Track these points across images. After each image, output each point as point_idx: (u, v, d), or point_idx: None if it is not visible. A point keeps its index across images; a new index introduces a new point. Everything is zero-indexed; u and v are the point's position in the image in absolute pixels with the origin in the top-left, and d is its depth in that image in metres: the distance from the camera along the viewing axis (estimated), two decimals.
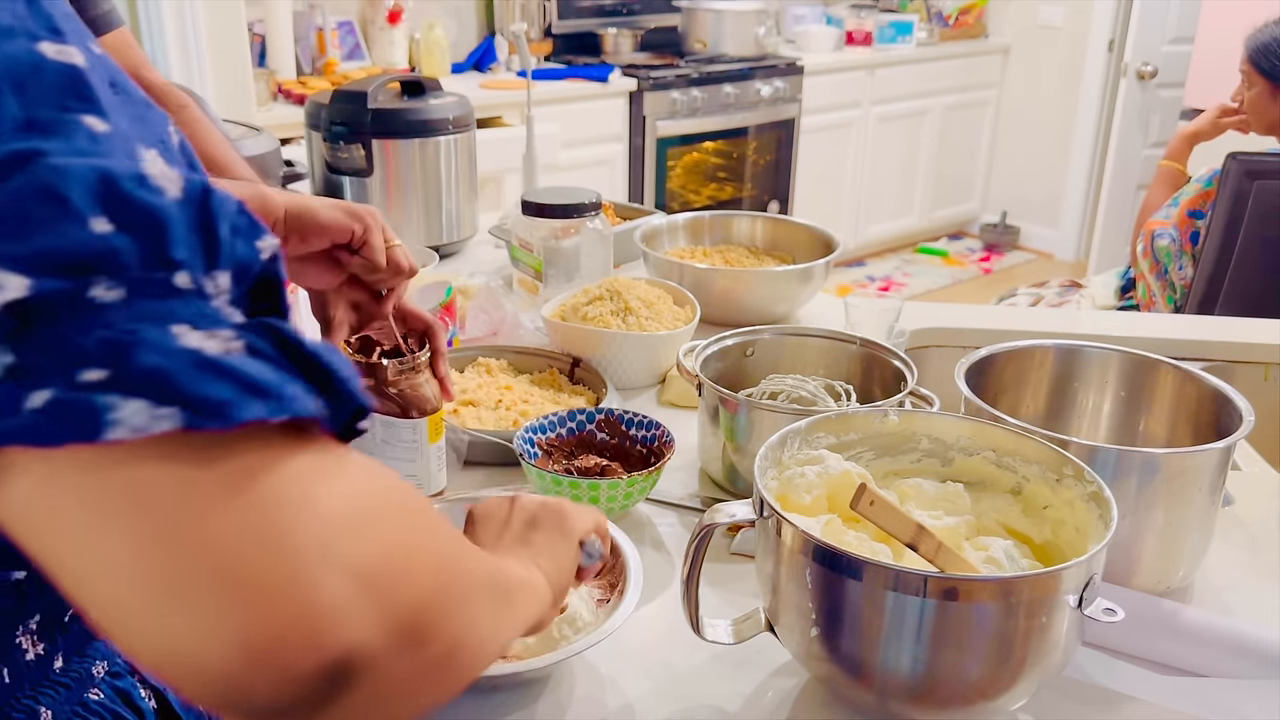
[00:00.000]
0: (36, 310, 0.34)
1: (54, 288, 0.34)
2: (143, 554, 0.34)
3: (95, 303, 0.35)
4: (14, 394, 0.34)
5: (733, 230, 1.74)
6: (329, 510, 0.37)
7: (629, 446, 1.12)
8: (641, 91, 3.64)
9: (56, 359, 0.34)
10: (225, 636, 0.34)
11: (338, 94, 1.74)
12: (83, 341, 0.34)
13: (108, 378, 0.34)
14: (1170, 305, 2.26)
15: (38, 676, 0.56)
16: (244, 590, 0.34)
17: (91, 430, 0.34)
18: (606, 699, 0.84)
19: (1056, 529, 0.86)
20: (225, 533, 0.35)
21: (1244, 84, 2.31)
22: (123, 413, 0.34)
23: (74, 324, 0.35)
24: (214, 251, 0.38)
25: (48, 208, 0.35)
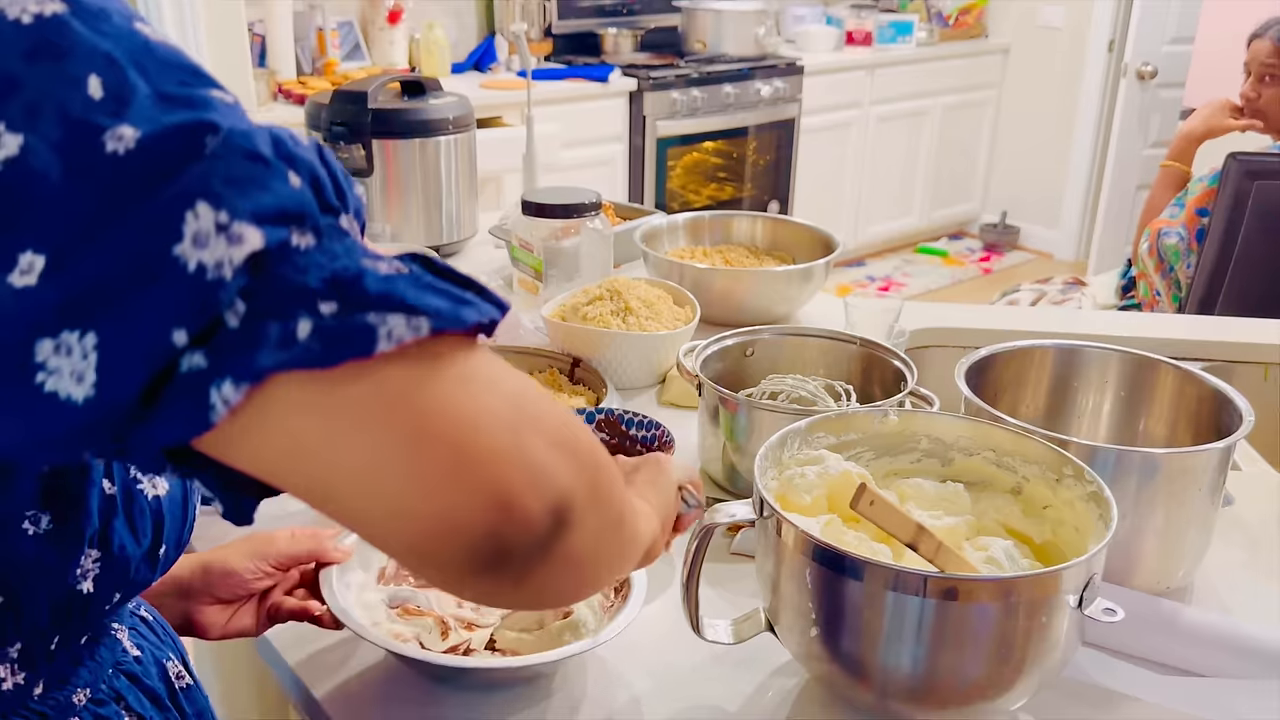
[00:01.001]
0: (264, 259, 0.38)
1: (278, 238, 0.38)
2: (403, 446, 0.39)
3: (298, 249, 0.39)
4: (277, 329, 0.37)
5: (733, 230, 1.74)
6: (519, 393, 0.43)
7: (629, 446, 1.12)
8: (641, 91, 3.64)
9: (290, 299, 0.38)
10: (475, 502, 0.40)
11: (338, 94, 1.74)
12: (305, 281, 0.38)
13: (343, 306, 0.38)
14: (1175, 304, 2.25)
15: (13, 704, 0.55)
16: (488, 459, 0.40)
17: (366, 346, 0.38)
18: (607, 698, 0.84)
19: (1056, 529, 0.86)
20: (466, 416, 0.40)
21: (1263, 80, 2.24)
22: (389, 327, 0.38)
23: (289, 269, 0.38)
24: (344, 197, 0.42)
25: (255, 166, 0.38)
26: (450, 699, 0.83)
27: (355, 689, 0.84)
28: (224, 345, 0.37)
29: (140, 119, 0.37)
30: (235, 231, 0.37)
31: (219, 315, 0.37)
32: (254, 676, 1.24)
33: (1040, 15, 4.69)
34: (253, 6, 3.14)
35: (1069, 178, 4.77)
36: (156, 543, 0.59)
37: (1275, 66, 2.22)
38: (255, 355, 0.37)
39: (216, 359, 0.37)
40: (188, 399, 0.37)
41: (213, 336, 0.37)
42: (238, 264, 0.37)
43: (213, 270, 0.36)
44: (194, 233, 0.36)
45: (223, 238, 0.37)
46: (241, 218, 0.37)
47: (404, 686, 0.84)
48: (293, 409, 0.38)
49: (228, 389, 0.37)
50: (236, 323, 0.37)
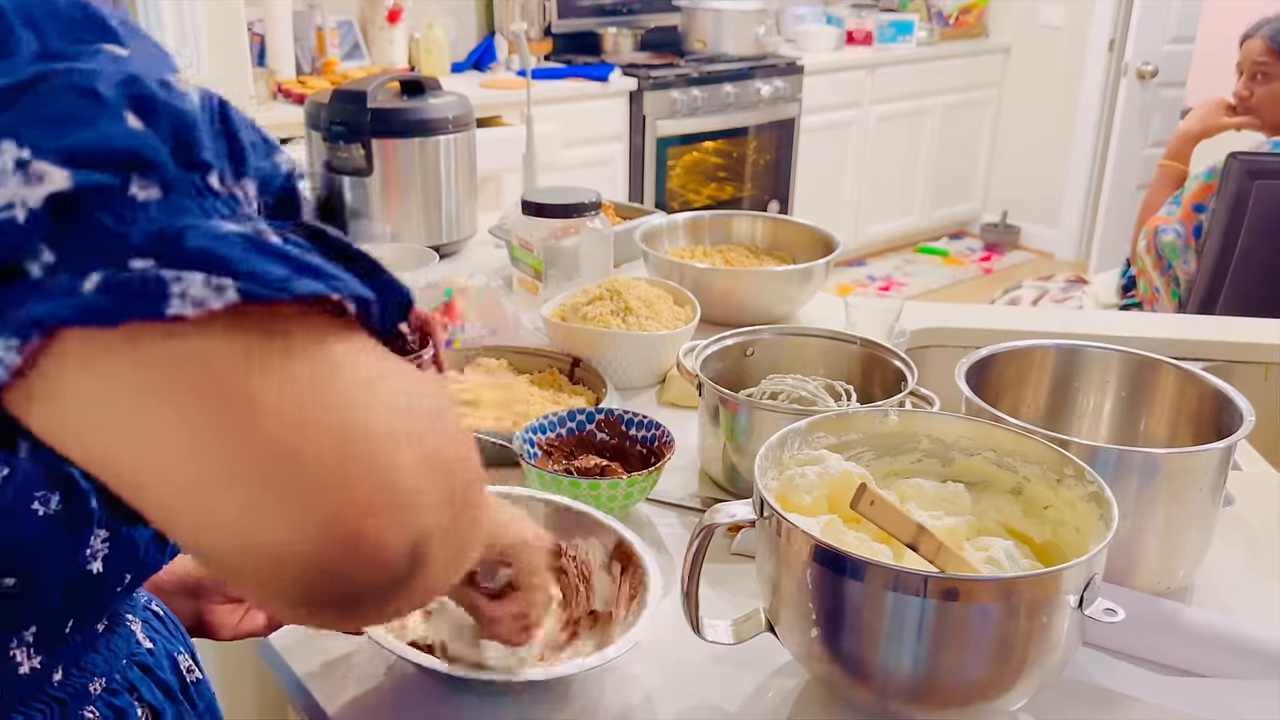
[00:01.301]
0: (77, 204, 0.34)
1: (95, 181, 0.34)
2: (211, 444, 0.33)
3: (135, 200, 0.35)
4: (67, 280, 0.33)
5: (733, 230, 1.74)
6: (394, 393, 0.36)
7: (629, 446, 1.12)
8: (641, 91, 3.64)
9: (102, 251, 0.34)
10: (316, 523, 0.33)
11: (337, 94, 1.74)
12: (127, 233, 0.34)
13: (157, 264, 0.33)
14: (1175, 300, 2.26)
15: (32, 690, 0.55)
16: (330, 474, 0.33)
17: (153, 305, 0.33)
18: (606, 699, 0.83)
19: (1057, 529, 0.86)
20: (295, 415, 0.34)
21: (1257, 79, 2.27)
22: (182, 286, 0.33)
23: (115, 219, 0.34)
24: (239, 159, 0.38)
25: (83, 103, 0.35)
26: (461, 703, 0.83)
27: (360, 692, 0.84)
28: (12, 297, 0.33)
29: (5, 72, 0.35)
30: (35, 170, 0.33)
31: (18, 262, 0.34)
32: (254, 676, 1.24)
33: (1041, 15, 4.69)
34: (252, 6, 3.14)
35: (1069, 177, 4.77)
36: None
37: (1267, 65, 2.24)
38: (31, 307, 0.33)
39: (1, 312, 0.33)
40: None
41: (9, 286, 0.34)
42: (33, 205, 0.33)
43: (2, 211, 0.33)
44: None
45: (18, 176, 0.33)
46: (45, 156, 0.34)
47: (411, 691, 0.84)
48: (77, 375, 0.33)
49: (3, 348, 0.33)
50: (38, 272, 0.34)
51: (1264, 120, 2.29)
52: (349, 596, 0.35)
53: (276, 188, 0.40)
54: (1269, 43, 2.22)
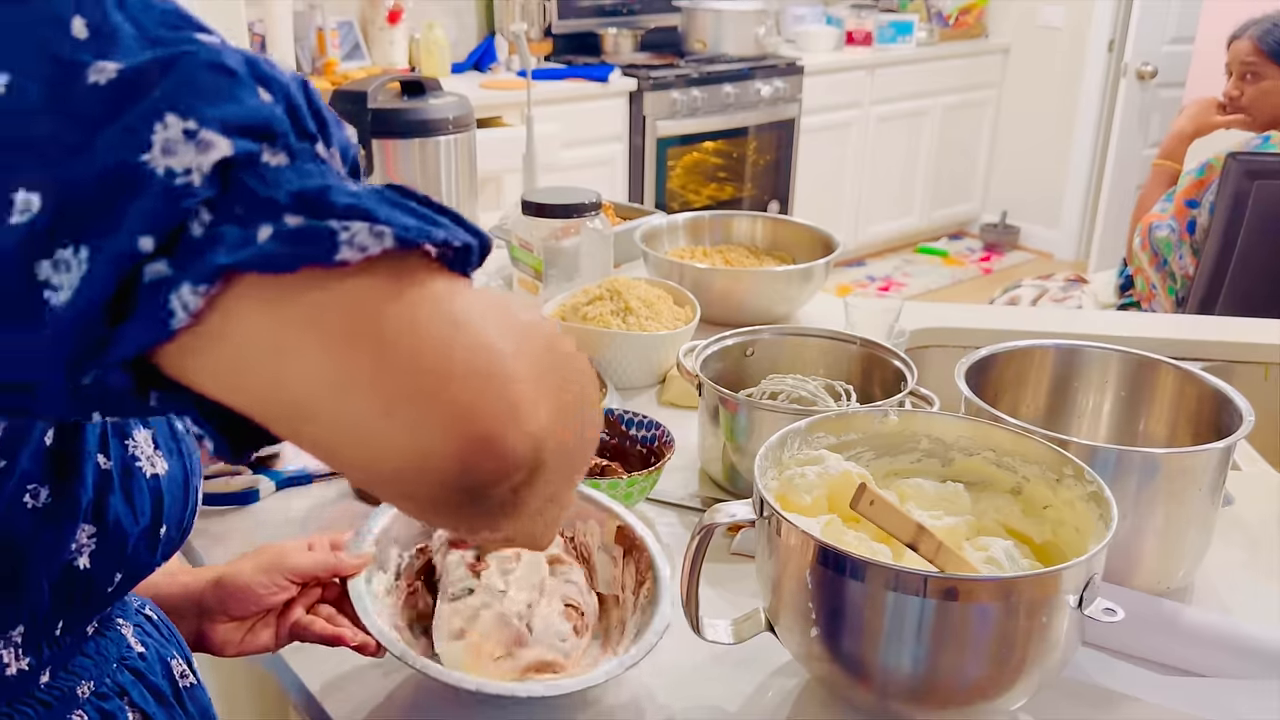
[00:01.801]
0: (231, 171, 0.37)
1: (247, 149, 0.37)
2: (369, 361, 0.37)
3: (270, 165, 0.38)
4: (239, 233, 0.37)
5: (733, 230, 1.74)
6: (503, 317, 0.41)
7: (629, 446, 1.12)
8: (641, 91, 3.64)
9: (257, 210, 0.37)
10: (450, 430, 0.37)
11: (338, 94, 1.74)
12: (275, 195, 0.37)
13: (309, 217, 0.37)
14: (1171, 296, 2.27)
15: (19, 692, 0.55)
16: (458, 386, 0.38)
17: (327, 250, 0.37)
18: (606, 699, 0.84)
19: (1056, 529, 0.86)
20: (438, 335, 0.38)
21: (1246, 79, 2.30)
22: (350, 234, 0.37)
23: (259, 184, 0.38)
24: (326, 130, 0.42)
25: (224, 79, 0.38)
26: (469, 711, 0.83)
27: (367, 702, 0.84)
28: (185, 252, 0.36)
29: (123, 54, 0.38)
30: (203, 138, 0.37)
31: (185, 223, 0.37)
32: (253, 677, 1.24)
33: (1040, 15, 4.69)
34: (253, 6, 3.14)
35: (1069, 178, 4.78)
36: (156, 522, 0.58)
37: (1255, 65, 2.27)
38: (212, 256, 0.36)
39: (177, 265, 0.36)
40: (148, 306, 0.36)
41: (177, 245, 0.37)
42: (206, 171, 0.37)
43: (181, 176, 0.36)
44: (163, 141, 0.36)
45: (191, 144, 0.36)
46: (209, 125, 0.37)
47: (418, 701, 0.84)
48: (254, 317, 0.37)
49: (186, 292, 0.36)
50: (200, 231, 0.37)
51: (1254, 119, 2.33)
52: (481, 496, 0.39)
53: (351, 158, 0.44)
54: (1256, 43, 2.26)
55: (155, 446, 0.59)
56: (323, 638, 0.80)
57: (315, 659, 0.87)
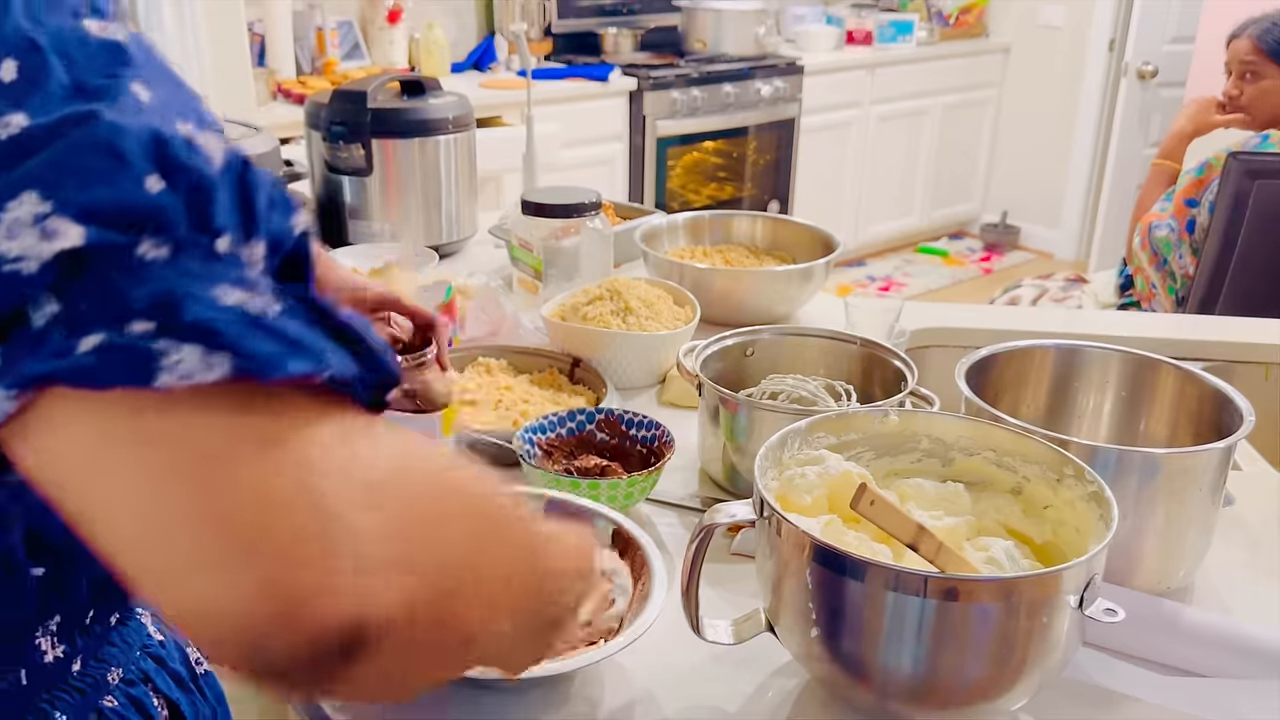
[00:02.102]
0: (87, 261, 0.35)
1: (109, 240, 0.35)
2: (177, 502, 0.34)
3: (143, 259, 0.36)
4: (64, 339, 0.35)
5: (733, 230, 1.74)
6: (359, 477, 0.37)
7: (629, 446, 1.12)
8: (641, 91, 3.64)
9: (104, 309, 0.35)
10: (249, 591, 0.34)
11: (337, 94, 1.74)
12: (131, 294, 0.35)
13: (155, 329, 0.35)
14: (1171, 295, 2.27)
15: (54, 679, 0.56)
16: (272, 546, 0.34)
17: (145, 374, 0.34)
18: (606, 698, 0.84)
19: (1057, 529, 0.86)
20: (260, 486, 0.35)
21: (1245, 78, 2.29)
22: (176, 358, 0.34)
23: (122, 277, 0.35)
24: (251, 221, 0.39)
25: (107, 161, 0.36)
26: (454, 695, 0.83)
27: None
28: (16, 344, 0.35)
29: (38, 109, 0.36)
30: (50, 226, 0.35)
31: (23, 310, 0.35)
32: None
33: (1041, 15, 4.69)
34: (252, 6, 3.14)
35: (1069, 177, 4.77)
36: None
37: (1254, 64, 2.27)
38: (30, 361, 0.35)
39: (4, 358, 0.35)
40: None
41: (12, 332, 0.35)
42: (45, 258, 0.34)
43: (10, 262, 0.34)
44: (9, 222, 0.35)
45: (35, 229, 0.35)
46: (65, 211, 0.35)
47: None
48: (71, 429, 0.35)
49: (3, 395, 0.35)
50: (41, 323, 0.35)
51: (1254, 118, 2.33)
52: (282, 670, 0.36)
53: (288, 249, 0.41)
54: (1255, 42, 2.26)
55: None
56: None
57: None
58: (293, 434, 0.36)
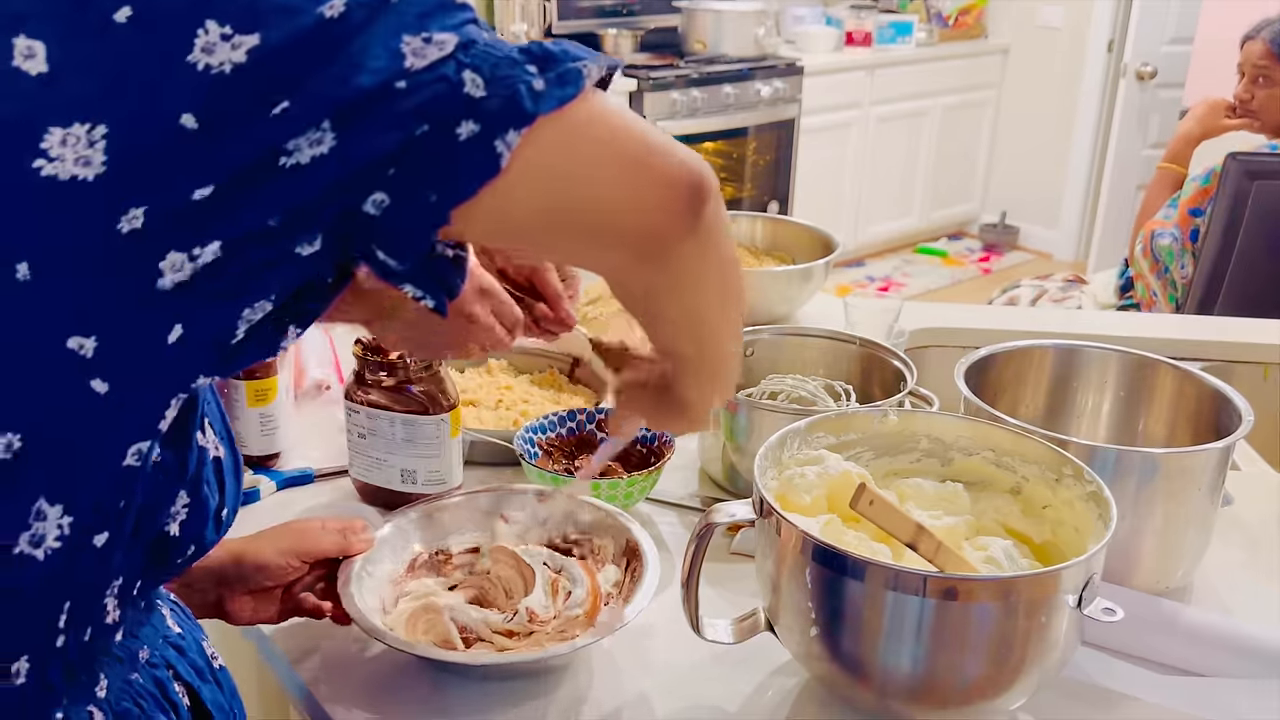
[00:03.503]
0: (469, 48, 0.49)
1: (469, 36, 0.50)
2: (626, 152, 0.53)
3: (487, 41, 0.50)
4: (527, 87, 0.50)
5: (732, 230, 1.74)
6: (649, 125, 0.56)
7: (629, 446, 1.12)
8: (641, 92, 3.64)
9: (510, 67, 0.50)
10: (680, 177, 0.54)
11: None
12: (508, 53, 0.50)
13: (543, 65, 0.51)
14: (1172, 304, 2.26)
15: (106, 644, 0.58)
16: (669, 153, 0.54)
17: (580, 81, 0.51)
18: (605, 698, 0.84)
19: (1056, 529, 0.86)
20: (635, 125, 0.54)
21: (1256, 81, 2.27)
22: (588, 69, 0.52)
23: (490, 47, 0.50)
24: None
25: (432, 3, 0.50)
26: (451, 692, 0.83)
27: (356, 685, 0.84)
28: (486, 112, 0.48)
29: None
30: (437, 38, 0.48)
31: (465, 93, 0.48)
32: (254, 674, 1.24)
33: (1040, 15, 4.69)
34: None
35: (1068, 178, 4.78)
36: (221, 503, 0.62)
37: (1268, 68, 2.24)
38: (522, 107, 0.49)
39: (489, 120, 0.48)
40: (472, 156, 0.48)
41: (475, 109, 0.48)
42: (449, 50, 0.48)
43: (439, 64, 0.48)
44: (415, 45, 0.48)
45: (432, 45, 0.48)
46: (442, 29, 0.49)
47: (406, 678, 0.84)
48: (549, 146, 0.50)
49: (510, 136, 0.49)
50: (480, 93, 0.48)
51: (1265, 123, 2.29)
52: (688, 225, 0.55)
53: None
54: (1270, 46, 2.22)
55: (214, 432, 0.63)
56: (310, 610, 0.87)
57: (316, 656, 0.87)
58: (614, 101, 0.54)
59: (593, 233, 0.55)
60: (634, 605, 0.84)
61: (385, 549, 0.91)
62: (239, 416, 1.12)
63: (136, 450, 0.51)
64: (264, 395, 1.12)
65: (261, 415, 1.13)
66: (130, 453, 0.51)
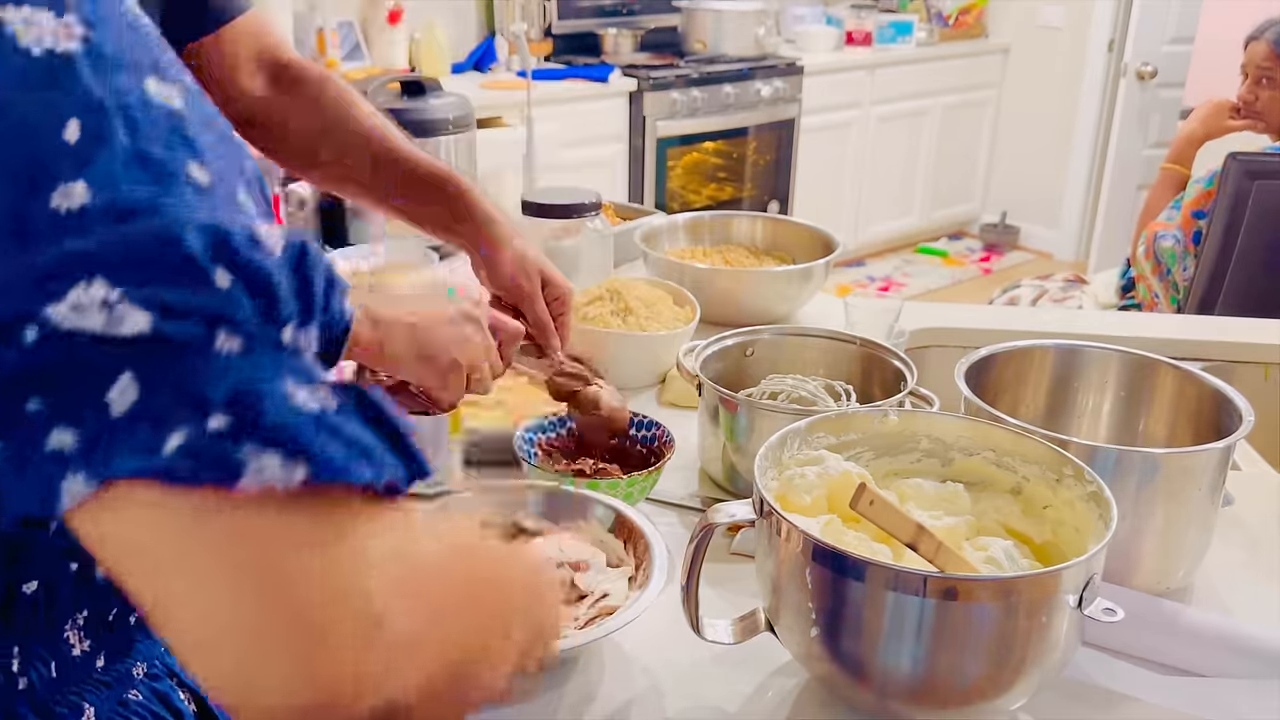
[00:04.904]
0: (162, 348, 0.36)
1: (181, 330, 0.36)
2: (244, 594, 0.37)
3: (219, 352, 0.37)
4: (152, 434, 0.36)
5: (733, 230, 1.74)
6: (399, 576, 0.41)
7: (629, 446, 1.12)
8: (641, 92, 3.64)
9: (184, 402, 0.36)
10: (294, 685, 0.38)
11: None
12: (210, 388, 0.36)
13: (232, 426, 0.36)
14: (1174, 305, 2.25)
15: (82, 674, 0.57)
16: (323, 644, 0.38)
17: (231, 476, 0.36)
18: (605, 699, 0.84)
19: (1056, 529, 0.86)
20: (321, 583, 0.38)
21: (1260, 82, 2.26)
22: (259, 464, 0.36)
23: (200, 369, 0.37)
24: (309, 308, 0.41)
25: (173, 256, 0.37)
26: None
27: None
28: (96, 431, 0.36)
29: (100, 179, 0.37)
30: (120, 312, 0.36)
31: (98, 391, 0.36)
32: None
33: (1040, 15, 4.69)
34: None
35: (1069, 178, 4.77)
36: None
37: (1271, 69, 2.23)
38: (116, 457, 0.36)
39: (82, 446, 0.36)
40: (38, 477, 0.36)
41: (93, 416, 0.36)
42: (119, 337, 0.36)
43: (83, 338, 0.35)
44: (74, 299, 0.35)
45: (104, 314, 0.35)
46: (135, 300, 0.36)
47: None
48: (140, 518, 0.37)
49: (80, 482, 0.36)
50: (121, 411, 0.36)
51: (1269, 124, 2.29)
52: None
53: (336, 333, 0.43)
54: (1274, 47, 2.21)
55: None
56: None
57: None
58: (350, 530, 0.39)
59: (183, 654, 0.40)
60: (643, 600, 0.84)
61: None
62: None
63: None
64: None
65: None
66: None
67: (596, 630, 0.82)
